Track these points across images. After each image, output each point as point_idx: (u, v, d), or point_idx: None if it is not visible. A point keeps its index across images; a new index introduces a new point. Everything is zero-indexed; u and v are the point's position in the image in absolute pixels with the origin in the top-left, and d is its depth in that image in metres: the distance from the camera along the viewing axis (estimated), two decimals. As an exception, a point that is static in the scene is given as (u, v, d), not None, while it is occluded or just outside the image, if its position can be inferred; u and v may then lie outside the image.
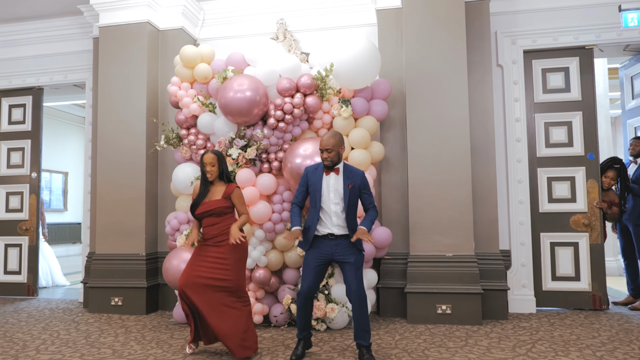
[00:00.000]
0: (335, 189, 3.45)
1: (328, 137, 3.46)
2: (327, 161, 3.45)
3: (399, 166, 5.02)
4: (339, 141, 3.46)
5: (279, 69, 4.53)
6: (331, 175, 3.48)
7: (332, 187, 3.46)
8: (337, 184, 3.46)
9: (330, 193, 3.45)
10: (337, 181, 3.47)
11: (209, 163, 3.69)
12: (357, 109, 4.57)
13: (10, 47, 6.31)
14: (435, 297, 4.53)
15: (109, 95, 5.34)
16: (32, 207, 6.34)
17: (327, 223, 3.46)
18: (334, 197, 3.45)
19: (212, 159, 3.69)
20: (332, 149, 3.42)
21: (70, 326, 4.61)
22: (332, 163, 3.44)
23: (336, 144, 3.43)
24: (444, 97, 4.69)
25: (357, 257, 3.45)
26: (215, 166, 3.70)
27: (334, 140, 3.44)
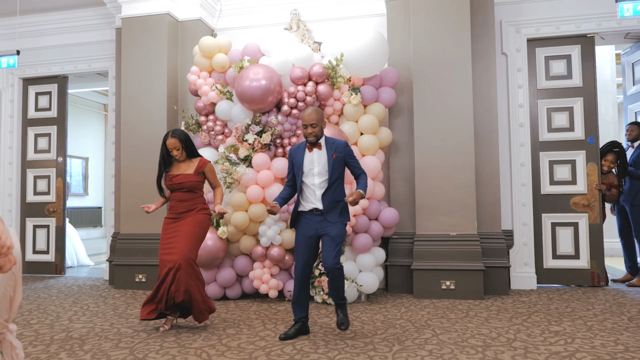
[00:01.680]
0: (321, 162, 3.46)
1: (311, 112, 3.47)
2: (311, 136, 3.45)
3: (406, 151, 5.26)
4: (321, 116, 3.49)
5: (292, 59, 4.79)
6: (314, 151, 3.48)
7: (316, 162, 3.46)
8: (322, 157, 3.47)
9: (315, 167, 3.46)
10: (321, 155, 3.47)
11: (174, 147, 3.73)
12: (366, 96, 4.82)
13: (37, 37, 6.62)
14: (439, 274, 4.80)
15: (131, 83, 5.64)
16: (58, 190, 6.70)
17: (310, 198, 3.47)
18: (318, 171, 3.45)
19: (174, 143, 3.72)
20: (317, 123, 3.43)
21: (99, 300, 4.98)
22: (316, 138, 3.45)
23: (319, 119, 3.46)
24: (450, 85, 4.92)
25: (338, 231, 3.43)
26: (180, 149, 3.75)
27: (317, 115, 3.45)
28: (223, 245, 4.81)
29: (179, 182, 3.74)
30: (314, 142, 3.48)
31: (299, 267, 3.51)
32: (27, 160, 6.80)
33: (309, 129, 3.46)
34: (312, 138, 3.47)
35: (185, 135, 3.81)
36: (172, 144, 3.74)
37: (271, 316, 4.19)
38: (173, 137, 3.74)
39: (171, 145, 3.74)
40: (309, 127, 3.45)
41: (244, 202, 4.72)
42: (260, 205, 4.73)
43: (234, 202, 4.72)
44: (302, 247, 3.51)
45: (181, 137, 3.76)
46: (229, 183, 4.74)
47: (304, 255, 3.50)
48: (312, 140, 3.48)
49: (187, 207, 3.76)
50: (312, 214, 3.49)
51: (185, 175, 3.75)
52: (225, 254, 4.92)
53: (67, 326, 3.96)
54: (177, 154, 3.74)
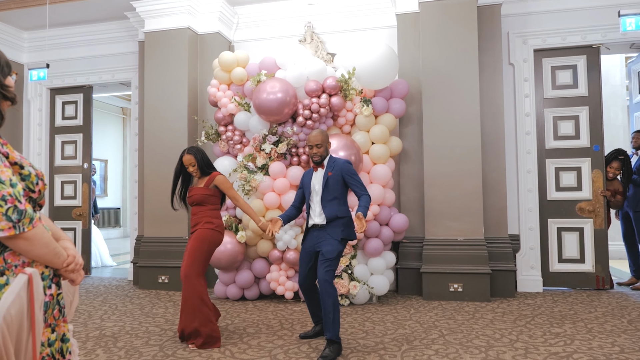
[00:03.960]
0: (321, 181, 3.59)
1: (316, 134, 3.60)
2: (316, 156, 3.58)
3: (416, 158, 5.49)
4: (326, 137, 3.63)
5: (307, 72, 5.04)
6: (319, 170, 3.63)
7: (317, 180, 3.61)
8: (321, 176, 3.60)
9: (315, 185, 3.61)
10: (320, 174, 3.62)
11: (190, 164, 3.79)
12: (377, 108, 5.05)
13: (64, 49, 6.96)
14: (448, 277, 5.02)
15: (154, 94, 5.94)
16: (84, 194, 7.05)
17: (312, 215, 3.62)
18: (318, 189, 3.59)
19: (189, 160, 3.77)
20: (322, 144, 3.58)
21: (125, 300, 5.30)
22: (320, 158, 3.59)
23: (324, 140, 3.60)
24: (458, 95, 5.12)
25: (331, 247, 3.45)
26: (196, 165, 3.79)
27: (322, 136, 3.60)
28: (242, 249, 5.08)
29: (190, 195, 3.86)
30: (319, 161, 3.63)
31: (300, 279, 3.72)
32: (54, 166, 7.15)
33: (314, 149, 3.60)
34: (317, 158, 3.61)
35: (201, 153, 3.84)
36: (187, 160, 3.79)
37: (288, 316, 4.45)
38: (189, 154, 3.80)
39: (187, 162, 3.80)
40: (314, 147, 3.59)
41: (262, 208, 4.99)
42: (277, 211, 4.99)
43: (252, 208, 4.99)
44: (303, 259, 3.69)
45: (196, 154, 3.80)
46: (247, 190, 5.00)
47: (304, 268, 3.68)
48: (317, 160, 3.62)
49: (195, 220, 3.81)
50: (315, 229, 3.63)
51: (196, 189, 3.83)
52: (244, 257, 5.19)
53: (100, 325, 4.27)
54: (193, 170, 3.79)
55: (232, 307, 4.90)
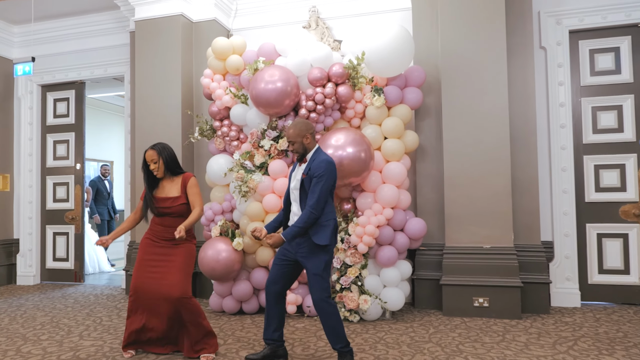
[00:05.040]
0: (296, 179, 3.22)
1: (289, 128, 3.22)
2: (294, 153, 3.25)
3: (434, 155, 4.88)
4: (301, 130, 3.17)
5: (310, 59, 4.47)
6: (302, 166, 3.24)
7: (294, 177, 3.26)
8: (299, 173, 3.22)
9: (292, 182, 3.26)
10: (299, 171, 3.23)
11: (151, 160, 3.35)
12: (390, 98, 4.46)
13: (53, 43, 6.52)
14: (471, 290, 4.41)
15: (145, 88, 5.45)
16: (77, 197, 6.59)
17: (291, 215, 3.24)
18: (294, 186, 3.23)
19: (151, 155, 3.34)
20: (294, 140, 3.17)
21: (113, 312, 4.79)
22: (299, 154, 3.21)
23: (298, 134, 3.16)
24: (482, 83, 4.51)
25: (316, 261, 3.06)
26: (159, 162, 3.34)
27: (295, 131, 3.17)
28: (239, 257, 4.54)
29: (167, 206, 3.35)
30: (300, 158, 3.25)
31: (268, 281, 3.26)
32: (46, 167, 6.71)
33: (289, 146, 3.26)
34: (295, 155, 3.28)
35: (166, 148, 3.42)
36: (149, 156, 3.35)
37: (288, 335, 3.88)
38: (152, 149, 3.37)
39: (148, 158, 3.35)
40: (289, 144, 3.25)
41: (260, 211, 4.44)
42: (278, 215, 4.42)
43: (249, 212, 4.44)
44: (277, 264, 3.25)
45: (159, 149, 3.38)
46: (244, 192, 4.46)
47: (276, 271, 3.24)
48: (297, 156, 3.27)
49: (173, 234, 3.30)
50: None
51: (173, 200, 3.35)
52: (242, 267, 4.65)
53: (77, 344, 3.77)
54: (154, 167, 3.34)
55: (227, 322, 4.35)
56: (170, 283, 3.26)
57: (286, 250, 3.22)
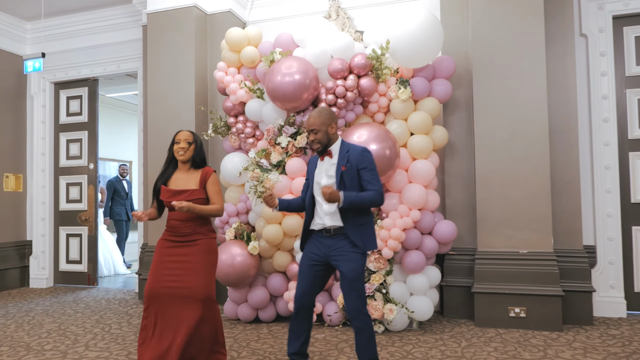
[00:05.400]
0: (329, 174, 2.87)
1: (312, 116, 2.91)
2: (315, 144, 2.90)
3: (464, 152, 4.53)
4: (326, 118, 2.89)
5: (330, 49, 4.17)
6: (325, 160, 2.93)
7: (324, 173, 2.90)
8: (331, 168, 2.88)
9: (323, 179, 2.90)
10: (328, 164, 2.90)
11: (184, 139, 3.03)
12: (417, 90, 4.12)
13: (65, 40, 6.35)
14: (507, 299, 4.05)
15: (157, 83, 5.21)
16: (90, 197, 6.41)
17: (320, 213, 2.89)
18: (326, 182, 2.88)
19: (186, 135, 3.07)
20: (319, 129, 2.86)
21: (123, 319, 4.56)
22: (321, 145, 2.89)
23: (323, 122, 2.87)
24: (518, 73, 4.14)
25: (354, 264, 2.77)
26: (192, 145, 3.05)
27: (320, 119, 2.87)
28: (254, 262, 4.26)
29: (182, 199, 2.97)
30: (320, 150, 2.93)
31: (297, 295, 2.91)
32: (59, 167, 6.54)
33: (311, 136, 2.92)
34: (316, 146, 2.93)
35: (200, 140, 3.18)
36: (183, 135, 3.06)
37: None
38: (187, 131, 3.12)
39: (182, 136, 3.05)
40: (310, 133, 2.92)
41: (277, 213, 4.14)
42: (296, 217, 4.14)
43: (265, 213, 4.16)
44: (306, 271, 2.91)
45: (197, 136, 3.13)
46: (260, 192, 4.17)
47: (304, 282, 2.90)
48: (317, 148, 2.93)
49: (192, 228, 3.01)
50: (322, 235, 2.90)
51: (190, 193, 3.00)
52: (258, 272, 4.37)
53: (81, 355, 3.53)
54: (185, 147, 3.02)
55: (242, 331, 4.07)
56: (191, 285, 2.90)
57: (314, 253, 2.91)
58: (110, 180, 8.23)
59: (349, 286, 2.75)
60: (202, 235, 3.04)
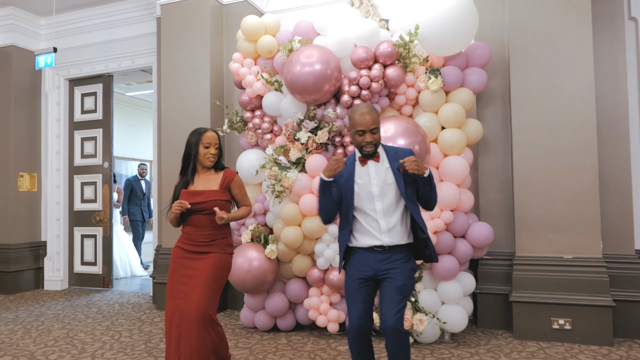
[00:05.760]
0: (381, 180, 2.48)
1: (367, 112, 2.46)
2: (370, 147, 2.47)
3: (500, 148, 4.15)
4: (378, 114, 2.56)
5: (354, 37, 3.85)
6: (370, 165, 2.52)
7: (374, 180, 2.49)
8: (382, 172, 2.50)
9: (373, 187, 2.48)
10: (381, 169, 2.50)
11: (214, 144, 2.82)
12: (449, 80, 3.77)
13: (79, 35, 6.17)
14: (549, 309, 3.67)
15: (172, 77, 4.97)
16: (104, 197, 6.22)
17: (371, 231, 2.47)
18: (379, 193, 2.47)
19: (216, 137, 2.84)
20: (378, 128, 2.48)
21: (134, 326, 4.32)
22: (375, 148, 2.51)
23: (379, 120, 2.52)
24: (560, 61, 3.76)
25: (409, 281, 2.46)
26: (218, 149, 2.86)
27: (377, 115, 2.50)
28: (272, 267, 3.97)
29: (200, 201, 2.76)
30: (372, 152, 2.52)
31: (354, 323, 2.45)
32: (74, 165, 6.37)
33: (368, 137, 2.47)
34: (370, 149, 2.50)
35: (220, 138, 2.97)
36: (213, 138, 2.83)
37: (329, 362, 3.28)
38: (214, 131, 2.89)
39: (211, 139, 2.81)
40: (367, 133, 2.47)
41: (297, 214, 3.84)
42: (317, 218, 3.83)
43: (284, 214, 3.86)
44: (357, 294, 2.49)
45: (219, 135, 2.92)
46: (278, 192, 3.88)
47: (359, 307, 2.47)
48: (371, 151, 2.51)
49: (209, 236, 2.79)
50: (373, 251, 2.49)
51: (209, 194, 2.79)
52: (276, 277, 4.08)
53: (87, 366, 3.30)
54: (214, 154, 2.83)
55: (259, 341, 3.79)
56: (191, 301, 2.68)
57: (361, 271, 2.49)
58: (128, 180, 8.07)
59: (398, 303, 2.39)
60: (217, 249, 2.81)
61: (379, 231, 2.46)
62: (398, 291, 2.41)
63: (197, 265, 2.76)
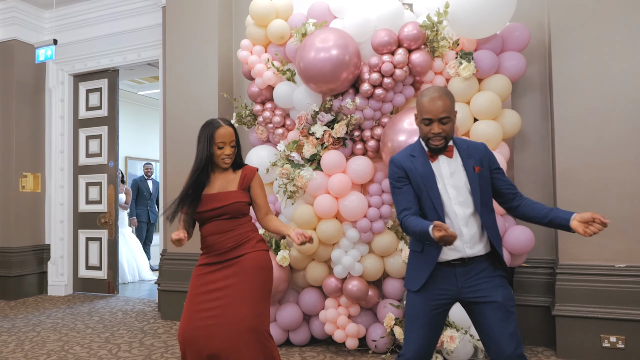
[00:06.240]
0: (455, 180, 2.08)
1: (441, 96, 2.03)
2: (438, 140, 2.05)
3: (539, 142, 3.71)
4: (454, 102, 2.10)
5: (375, 19, 3.45)
6: (440, 161, 2.11)
7: (447, 179, 2.09)
8: (456, 171, 2.09)
9: (448, 189, 2.08)
10: (454, 167, 2.10)
11: (229, 142, 2.41)
12: (483, 66, 3.34)
13: (84, 28, 5.88)
14: (599, 324, 3.22)
15: (177, 69, 4.64)
16: (110, 198, 5.92)
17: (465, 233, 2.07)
18: (455, 194, 2.07)
19: (231, 134, 2.42)
20: (450, 117, 2.04)
21: (135, 339, 3.97)
22: (445, 142, 2.08)
23: (453, 107, 2.08)
24: (610, 44, 3.31)
25: (507, 291, 2.04)
26: (235, 146, 2.45)
27: (451, 101, 2.06)
28: (285, 275, 3.59)
29: (220, 205, 2.39)
30: (443, 146, 2.09)
31: (409, 354, 2.06)
32: (78, 165, 6.09)
33: (436, 127, 2.04)
34: (439, 143, 2.07)
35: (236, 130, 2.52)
36: (227, 135, 2.40)
37: (348, 386, 2.88)
38: (228, 126, 2.43)
39: (226, 137, 2.39)
40: (435, 123, 2.04)
41: (311, 217, 3.46)
42: (334, 221, 3.44)
43: (297, 217, 3.48)
44: (425, 321, 2.06)
45: (235, 128, 2.49)
46: (290, 192, 3.50)
47: (420, 334, 2.06)
48: (438, 145, 2.08)
49: (235, 239, 2.39)
50: (451, 265, 2.05)
51: (228, 195, 2.41)
52: (288, 286, 3.70)
53: (79, 385, 2.95)
54: (230, 153, 2.42)
55: (270, 359, 3.40)
56: (234, 320, 2.24)
57: (438, 294, 2.06)
58: (134, 180, 7.80)
59: (507, 320, 1.97)
60: (250, 248, 2.40)
61: (461, 240, 2.02)
62: (503, 308, 1.99)
63: (229, 273, 2.34)
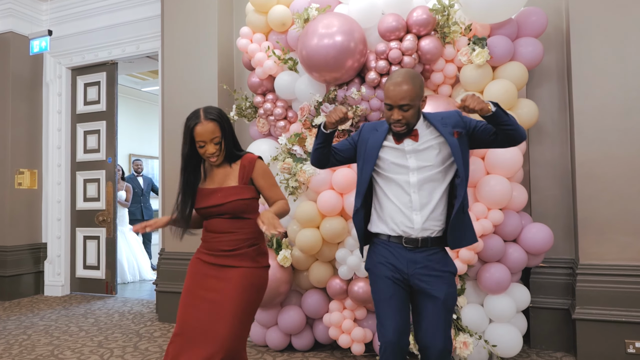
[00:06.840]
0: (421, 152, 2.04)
1: (399, 81, 1.97)
2: (399, 125, 2.01)
3: (556, 135, 3.50)
4: (420, 85, 2.02)
5: (381, 3, 3.24)
6: (405, 143, 2.08)
7: (410, 153, 2.05)
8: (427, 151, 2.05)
9: (410, 160, 2.04)
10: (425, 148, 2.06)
11: (210, 139, 2.11)
12: (497, 52, 3.13)
13: (82, 20, 5.71)
14: (623, 329, 3.01)
15: (175, 60, 4.46)
16: (108, 195, 5.74)
17: (399, 218, 2.05)
18: (417, 166, 2.04)
19: (212, 130, 2.11)
20: (411, 104, 1.97)
21: (130, 343, 3.79)
22: (407, 128, 2.04)
23: (417, 94, 1.99)
24: (633, 30, 3.09)
25: (452, 289, 2.04)
26: (221, 142, 2.15)
27: (415, 87, 1.97)
28: (286, 276, 3.39)
29: (217, 203, 2.17)
30: (404, 132, 2.06)
31: (390, 336, 1.98)
32: (76, 161, 5.92)
33: (396, 114, 2.00)
34: (400, 128, 2.03)
35: (228, 120, 2.20)
36: (207, 133, 2.10)
37: (354, 395, 2.68)
38: (209, 120, 2.11)
39: (206, 136, 2.11)
40: (395, 109, 1.99)
41: (315, 214, 3.25)
42: (339, 219, 3.23)
43: (300, 214, 3.27)
44: (390, 294, 2.03)
45: (222, 119, 2.16)
46: (292, 188, 3.30)
47: (394, 310, 2.01)
48: (401, 131, 2.04)
49: (233, 243, 2.17)
50: (401, 246, 2.05)
51: (227, 192, 2.18)
52: (290, 288, 3.50)
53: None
54: (215, 151, 2.15)
55: (271, 364, 3.22)
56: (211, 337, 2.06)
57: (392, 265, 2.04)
58: (127, 177, 7.64)
59: (444, 319, 2.02)
60: (247, 261, 2.17)
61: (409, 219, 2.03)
62: (442, 308, 2.02)
63: (220, 286, 2.13)
